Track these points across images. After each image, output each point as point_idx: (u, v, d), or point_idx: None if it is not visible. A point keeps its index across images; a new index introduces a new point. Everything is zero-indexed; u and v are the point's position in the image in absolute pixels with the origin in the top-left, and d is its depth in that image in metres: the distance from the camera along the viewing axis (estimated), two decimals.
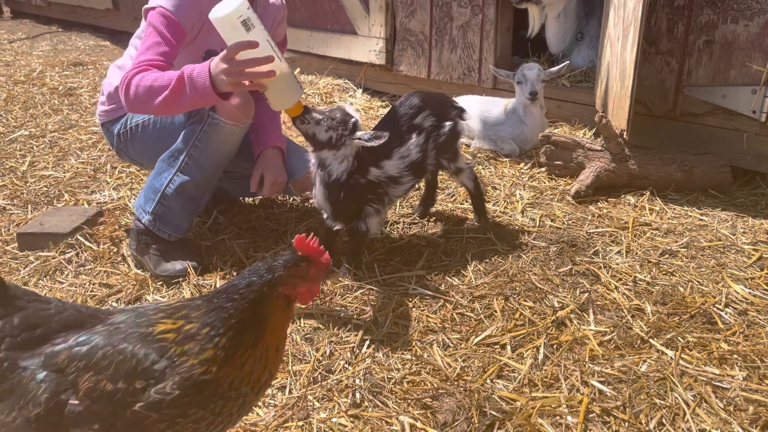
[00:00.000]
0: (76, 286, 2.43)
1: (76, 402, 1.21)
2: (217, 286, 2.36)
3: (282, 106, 2.24)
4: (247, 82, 2.08)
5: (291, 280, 1.34)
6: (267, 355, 1.30)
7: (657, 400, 1.83)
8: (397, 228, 2.85)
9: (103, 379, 1.21)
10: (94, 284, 2.44)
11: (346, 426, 1.75)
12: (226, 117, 2.35)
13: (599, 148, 3.24)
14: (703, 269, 2.50)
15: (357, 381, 1.92)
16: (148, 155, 2.64)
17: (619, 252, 2.62)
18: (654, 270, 2.49)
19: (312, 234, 1.41)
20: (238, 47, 2.03)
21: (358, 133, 2.27)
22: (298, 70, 5.23)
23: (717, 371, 1.94)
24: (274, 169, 2.61)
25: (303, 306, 2.07)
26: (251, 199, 3.17)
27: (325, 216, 2.49)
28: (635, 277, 2.44)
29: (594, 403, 1.81)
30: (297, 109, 2.23)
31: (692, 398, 1.83)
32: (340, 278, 2.30)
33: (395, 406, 1.83)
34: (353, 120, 2.28)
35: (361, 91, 4.98)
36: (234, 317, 1.26)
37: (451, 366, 1.98)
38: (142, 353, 1.23)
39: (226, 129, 2.37)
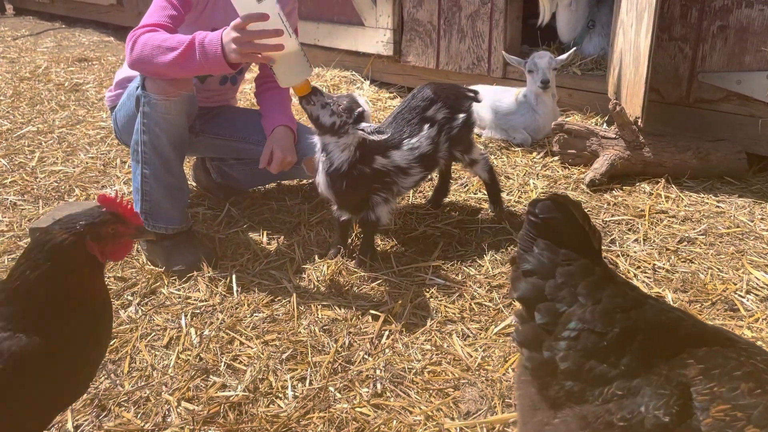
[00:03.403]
0: None
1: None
2: (233, 279, 2.35)
3: (289, 83, 2.23)
4: (261, 54, 2.10)
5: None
6: None
7: None
8: (411, 218, 2.83)
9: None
10: (109, 277, 2.42)
11: (368, 415, 1.74)
12: (157, 92, 2.32)
13: (613, 135, 3.21)
14: (723, 256, 2.47)
15: (377, 371, 1.90)
16: (125, 140, 2.67)
17: (636, 240, 2.60)
18: (673, 257, 2.46)
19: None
20: (250, 18, 2.04)
21: (362, 124, 2.25)
22: None
23: None
24: (284, 147, 2.60)
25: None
26: (263, 187, 3.16)
27: (333, 207, 2.47)
28: (654, 264, 2.41)
29: None
30: (305, 89, 2.23)
31: None
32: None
33: (417, 397, 1.81)
34: (359, 109, 2.27)
35: (368, 82, 4.95)
36: None
37: (471, 356, 1.97)
38: None
39: (162, 105, 2.34)
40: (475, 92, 2.68)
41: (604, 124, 3.62)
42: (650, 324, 1.15)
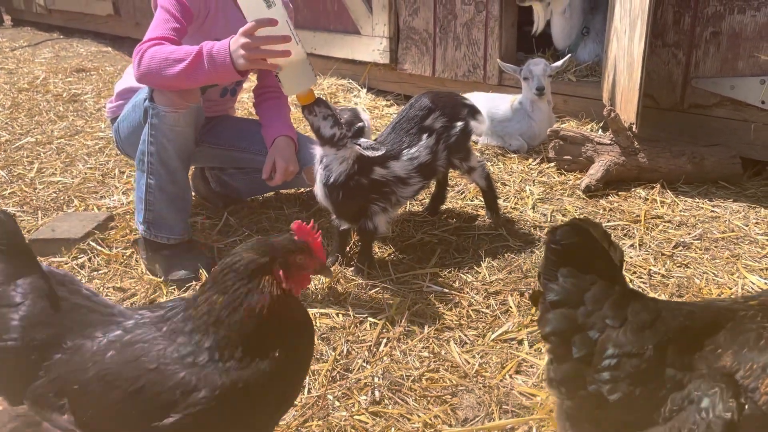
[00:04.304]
0: None
1: None
2: None
3: (293, 91, 2.26)
4: (268, 61, 2.12)
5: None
6: None
7: None
8: (409, 226, 2.84)
9: None
10: (108, 288, 2.43)
11: (366, 423, 1.75)
12: (165, 104, 2.34)
13: (608, 141, 3.23)
14: (718, 261, 2.49)
15: (376, 379, 1.91)
16: (127, 151, 2.70)
17: (632, 245, 2.62)
18: (668, 262, 2.48)
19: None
20: (259, 24, 2.07)
21: (360, 140, 2.27)
22: None
23: None
24: (287, 157, 2.62)
25: None
26: (261, 196, 3.17)
27: (332, 216, 2.49)
28: (650, 270, 2.43)
29: None
30: (309, 98, 2.25)
31: None
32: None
33: (415, 404, 1.82)
34: (359, 124, 2.29)
35: (365, 90, 4.98)
36: None
37: (469, 363, 1.98)
38: None
39: (170, 117, 2.36)
40: (475, 110, 2.70)
41: (600, 130, 3.65)
42: (674, 330, 1.16)
